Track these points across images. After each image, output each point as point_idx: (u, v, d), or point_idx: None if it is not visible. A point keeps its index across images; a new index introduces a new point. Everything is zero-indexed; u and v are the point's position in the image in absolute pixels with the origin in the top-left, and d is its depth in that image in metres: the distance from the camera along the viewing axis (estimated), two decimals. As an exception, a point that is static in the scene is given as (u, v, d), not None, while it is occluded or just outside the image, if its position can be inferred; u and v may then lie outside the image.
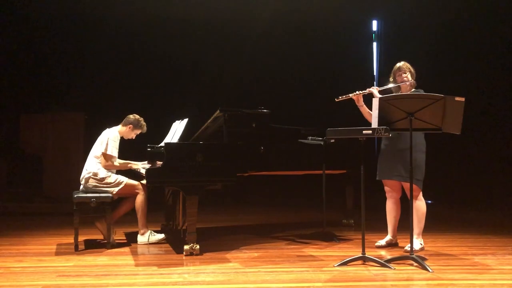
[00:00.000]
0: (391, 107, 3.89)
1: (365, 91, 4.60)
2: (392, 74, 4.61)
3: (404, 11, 8.45)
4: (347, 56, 8.76)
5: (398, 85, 4.56)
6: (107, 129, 5.03)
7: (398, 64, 4.59)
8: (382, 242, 4.70)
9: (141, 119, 5.09)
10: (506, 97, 8.17)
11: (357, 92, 4.61)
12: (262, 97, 8.32)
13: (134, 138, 5.14)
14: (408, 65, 4.57)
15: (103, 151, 4.85)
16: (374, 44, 9.16)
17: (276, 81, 8.72)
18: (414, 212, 4.41)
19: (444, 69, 8.22)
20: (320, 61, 8.73)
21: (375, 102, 3.94)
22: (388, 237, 4.72)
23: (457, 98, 3.81)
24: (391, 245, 4.69)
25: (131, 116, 5.08)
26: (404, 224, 4.45)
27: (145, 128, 5.12)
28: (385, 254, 4.41)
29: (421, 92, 4.37)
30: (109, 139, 4.86)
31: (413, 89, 4.52)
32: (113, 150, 4.87)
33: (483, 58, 8.25)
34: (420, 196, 4.48)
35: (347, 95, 4.60)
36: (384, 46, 9.03)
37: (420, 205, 4.46)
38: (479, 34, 8.26)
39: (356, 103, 4.67)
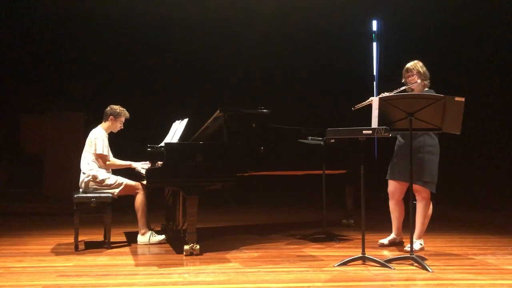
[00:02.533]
0: (391, 107, 3.89)
1: (378, 96, 4.54)
2: (402, 75, 4.51)
3: (404, 11, 8.45)
4: (347, 56, 8.75)
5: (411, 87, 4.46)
6: (93, 129, 4.98)
7: (407, 65, 4.47)
8: (385, 241, 4.69)
9: (117, 106, 5.01)
10: (506, 97, 8.16)
11: (371, 98, 4.44)
12: (262, 97, 8.32)
13: (122, 127, 5.07)
14: (419, 65, 4.42)
15: (93, 152, 4.84)
16: (374, 44, 9.16)
17: (276, 81, 8.71)
18: (419, 213, 4.40)
19: (444, 69, 8.21)
20: (320, 61, 8.72)
21: (375, 102, 3.94)
22: (392, 235, 4.71)
23: (457, 98, 3.80)
24: (394, 244, 4.68)
25: (107, 109, 5.02)
26: (406, 224, 4.44)
27: (126, 112, 5.04)
28: (386, 254, 4.41)
29: (432, 92, 4.31)
30: (97, 139, 4.85)
31: (425, 89, 4.43)
32: (104, 149, 4.85)
33: (483, 58, 8.25)
34: (428, 198, 4.42)
35: (363, 103, 4.47)
36: (384, 46, 9.02)
37: (426, 207, 4.42)
38: (479, 34, 8.26)
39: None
